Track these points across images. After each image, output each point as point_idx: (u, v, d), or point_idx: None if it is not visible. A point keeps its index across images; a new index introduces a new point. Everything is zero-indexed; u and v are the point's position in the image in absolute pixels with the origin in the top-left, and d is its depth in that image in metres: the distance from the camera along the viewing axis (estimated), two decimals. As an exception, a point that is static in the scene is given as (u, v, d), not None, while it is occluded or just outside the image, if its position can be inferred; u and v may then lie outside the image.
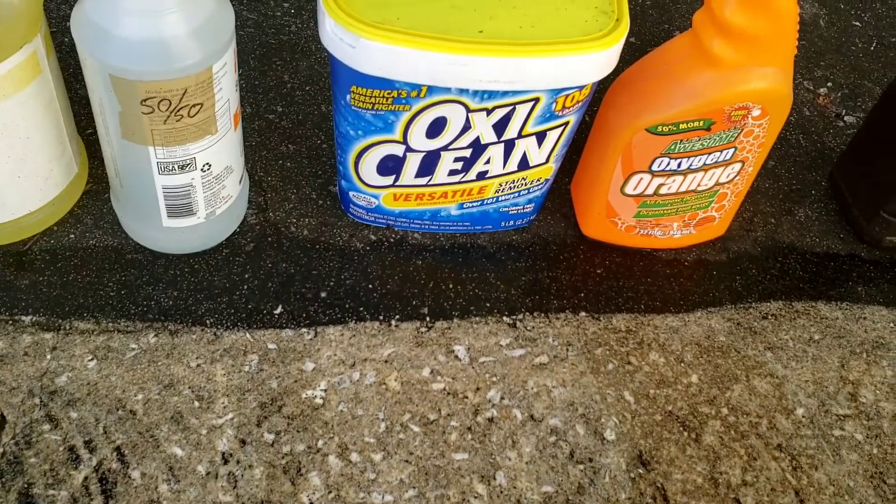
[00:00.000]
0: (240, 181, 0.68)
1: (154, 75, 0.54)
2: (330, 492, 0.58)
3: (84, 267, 0.67)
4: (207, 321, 0.65)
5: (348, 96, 0.61)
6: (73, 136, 0.68)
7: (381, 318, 0.68)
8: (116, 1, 0.52)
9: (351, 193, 0.71)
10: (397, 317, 0.68)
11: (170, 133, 0.58)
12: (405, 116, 0.61)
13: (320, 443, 0.60)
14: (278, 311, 0.67)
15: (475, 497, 0.59)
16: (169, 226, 0.65)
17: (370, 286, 0.70)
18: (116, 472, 0.57)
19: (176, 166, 0.60)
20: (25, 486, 0.56)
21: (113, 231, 0.70)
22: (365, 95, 0.60)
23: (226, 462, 0.58)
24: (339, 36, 0.57)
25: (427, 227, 0.73)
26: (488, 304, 0.70)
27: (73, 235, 0.69)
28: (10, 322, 0.63)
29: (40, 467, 0.56)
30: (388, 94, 0.60)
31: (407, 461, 0.60)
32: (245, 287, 0.68)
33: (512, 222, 0.74)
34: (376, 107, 0.61)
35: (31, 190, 0.65)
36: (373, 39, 0.56)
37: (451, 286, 0.71)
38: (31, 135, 0.61)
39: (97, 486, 0.56)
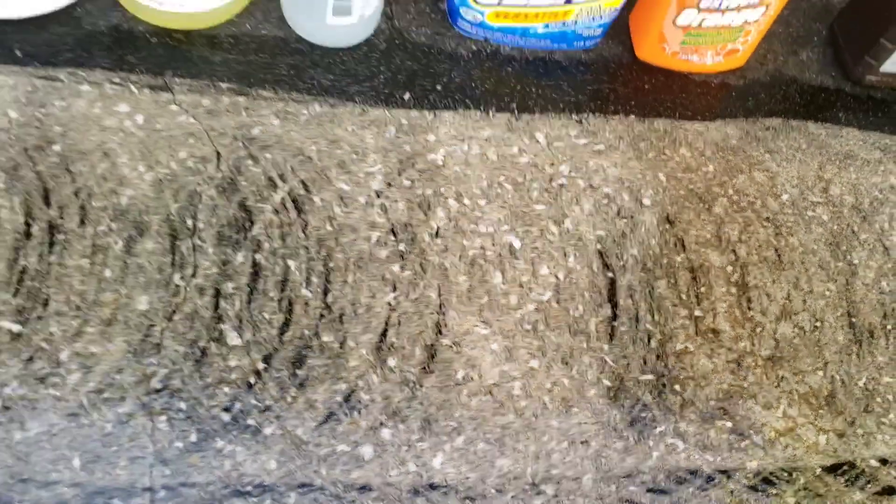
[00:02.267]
0: (381, -7, 0.88)
1: None
2: (451, 221, 0.82)
3: (261, 50, 0.88)
4: (356, 99, 0.87)
5: (479, -70, 0.81)
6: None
7: (482, 108, 0.90)
8: None
9: (462, 9, 0.91)
10: (493, 108, 0.90)
11: (351, -52, 0.77)
12: (521, -50, 0.81)
13: (442, 189, 0.84)
14: (406, 96, 0.89)
15: (550, 234, 0.83)
16: (331, 24, 0.86)
17: (473, 84, 0.91)
18: (303, 196, 0.80)
19: (349, -25, 0.80)
20: (241, 199, 0.79)
21: (279, 25, 0.90)
22: (493, -70, 0.80)
23: (378, 196, 0.82)
24: None
25: (517, 42, 0.94)
26: (561, 105, 0.92)
27: (248, 26, 0.89)
28: (212, 87, 0.85)
29: (249, 188, 0.80)
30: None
31: (502, 207, 0.84)
32: (381, 77, 0.89)
33: (582, 43, 0.95)
34: (500, -60, 0.81)
35: (226, -13, 0.85)
36: None
37: (533, 89, 0.92)
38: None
39: (291, 205, 0.80)
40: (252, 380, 0.71)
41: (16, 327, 0.69)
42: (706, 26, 0.90)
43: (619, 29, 0.97)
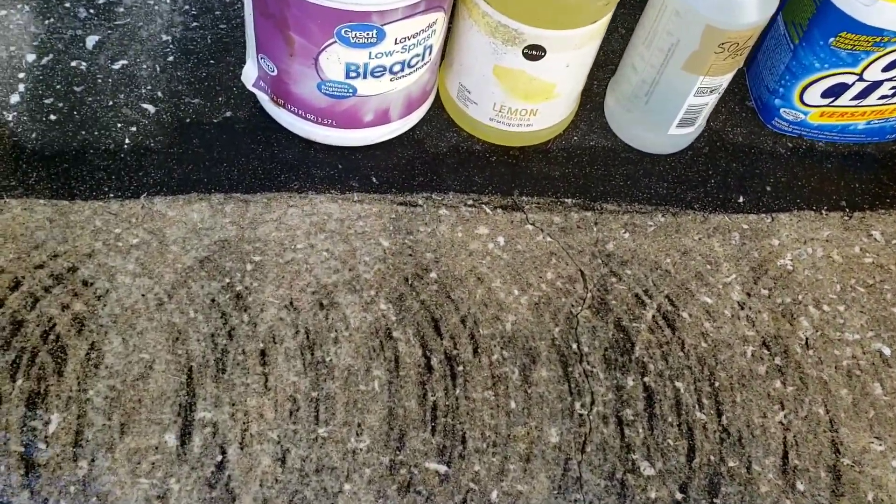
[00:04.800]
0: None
1: (739, 27, 0.73)
2: (817, 331, 0.81)
3: (594, 162, 0.88)
4: (695, 206, 0.87)
5: (832, 39, 0.80)
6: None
7: (814, 208, 0.89)
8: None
9: (782, 110, 0.91)
10: (825, 207, 0.89)
11: (720, 66, 0.77)
12: (874, 56, 0.81)
13: (800, 297, 0.83)
14: (741, 200, 0.88)
15: (915, 338, 0.82)
16: (672, 133, 0.86)
17: (799, 183, 0.91)
18: (672, 312, 0.80)
19: (708, 90, 0.80)
20: (616, 319, 0.79)
21: (604, 135, 0.91)
22: (850, 39, 0.80)
23: (742, 308, 0.81)
24: (856, -4, 0.76)
25: (832, 137, 0.93)
26: (887, 200, 0.91)
27: (576, 138, 0.90)
28: (558, 203, 0.85)
29: (620, 307, 0.79)
30: (873, 39, 0.79)
31: (861, 312, 0.83)
32: (712, 181, 0.89)
33: (893, 135, 0.94)
34: (856, 48, 0.80)
35: (567, 104, 0.85)
36: (888, 1, 0.75)
37: (856, 185, 0.92)
38: (588, 69, 0.81)
39: (663, 322, 0.79)
40: (675, 511, 0.70)
41: (442, 468, 0.69)
42: None
43: (925, 117, 0.96)
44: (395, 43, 0.72)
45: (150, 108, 0.84)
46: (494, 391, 0.73)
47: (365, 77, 0.75)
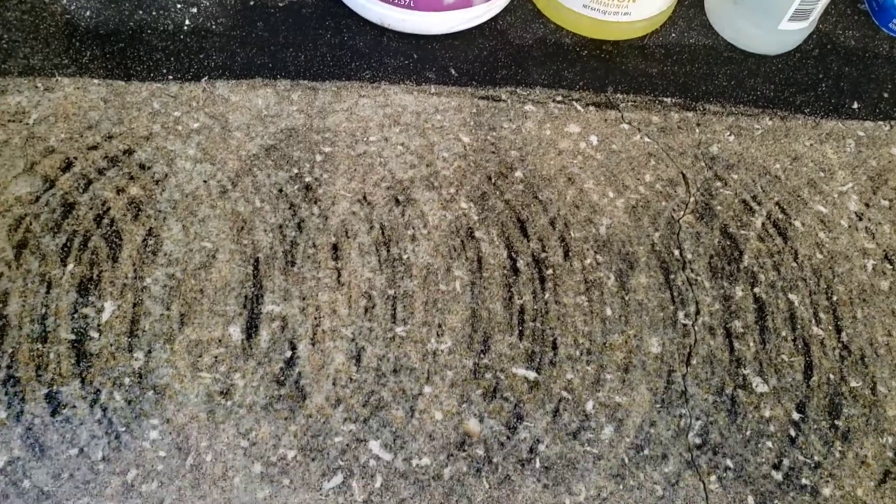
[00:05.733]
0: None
1: None
2: (945, 246, 0.72)
3: (694, 60, 0.80)
4: (805, 110, 0.78)
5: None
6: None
7: (938, 116, 0.80)
8: None
9: (902, 9, 0.82)
10: (950, 116, 0.80)
11: (849, -57, 0.69)
12: None
13: (925, 210, 0.74)
14: (855, 105, 0.80)
15: None
16: (782, 28, 0.77)
17: (920, 90, 0.82)
18: (783, 220, 0.72)
19: (831, -27, 0.72)
20: (722, 225, 0.71)
21: (704, 33, 0.82)
22: None
23: (860, 219, 0.73)
24: None
25: (958, 42, 0.84)
26: None
27: (674, 35, 0.82)
28: (657, 102, 0.77)
29: (726, 213, 0.71)
30: None
31: None
32: (823, 85, 0.80)
33: None
34: None
35: (668, -8, 0.77)
36: None
37: (984, 94, 0.82)
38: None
39: (774, 230, 0.71)
40: (793, 432, 0.62)
41: (531, 374, 0.62)
42: None
43: None
44: None
45: (212, -9, 0.78)
46: (588, 297, 0.66)
47: (451, -54, 0.67)
